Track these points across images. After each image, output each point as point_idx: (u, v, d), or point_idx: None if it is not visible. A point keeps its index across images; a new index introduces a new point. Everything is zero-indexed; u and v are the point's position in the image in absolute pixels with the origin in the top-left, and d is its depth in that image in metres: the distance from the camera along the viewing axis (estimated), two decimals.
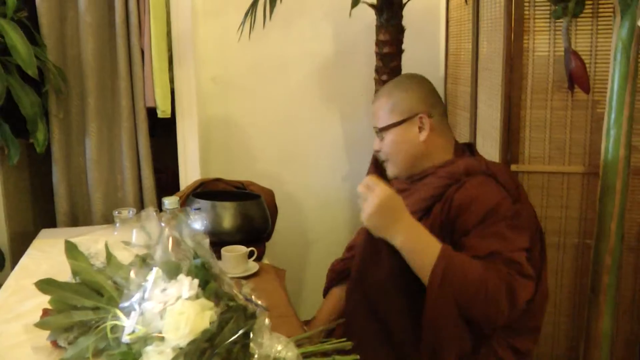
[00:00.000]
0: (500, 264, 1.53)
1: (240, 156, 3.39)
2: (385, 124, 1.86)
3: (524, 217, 1.64)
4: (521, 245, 1.58)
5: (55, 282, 1.55)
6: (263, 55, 3.26)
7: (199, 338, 1.20)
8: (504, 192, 1.64)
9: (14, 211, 3.20)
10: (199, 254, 1.38)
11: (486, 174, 1.69)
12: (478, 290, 1.50)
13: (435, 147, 1.84)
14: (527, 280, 1.57)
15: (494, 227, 1.58)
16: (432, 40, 3.32)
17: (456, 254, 1.55)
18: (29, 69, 2.62)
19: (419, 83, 1.91)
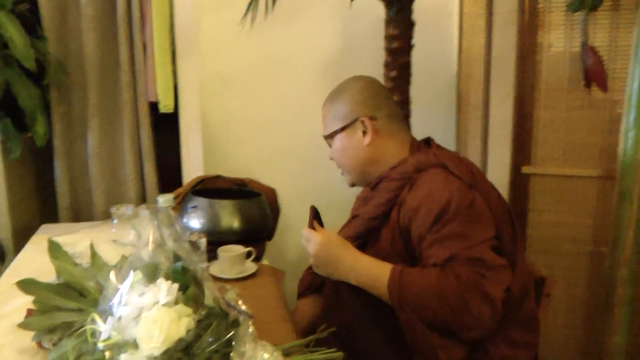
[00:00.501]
0: (460, 267, 1.46)
1: (243, 153, 3.33)
2: (329, 131, 1.82)
3: (481, 203, 1.53)
4: (482, 236, 1.50)
5: (36, 282, 1.50)
6: (267, 50, 3.20)
7: (172, 348, 1.13)
8: (457, 182, 1.55)
9: (17, 205, 3.16)
10: (180, 257, 1.30)
11: (437, 166, 1.61)
12: (440, 304, 1.45)
13: (384, 150, 1.76)
14: (497, 272, 1.47)
15: (447, 228, 1.50)
16: (444, 36, 3.23)
17: (407, 274, 1.52)
18: (26, 62, 2.57)
19: (361, 86, 1.81)
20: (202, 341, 1.17)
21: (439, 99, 3.26)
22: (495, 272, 1.47)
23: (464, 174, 1.57)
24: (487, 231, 1.51)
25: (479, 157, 2.70)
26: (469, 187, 1.54)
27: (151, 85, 2.90)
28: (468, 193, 1.53)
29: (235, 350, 1.21)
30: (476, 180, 1.57)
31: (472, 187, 1.54)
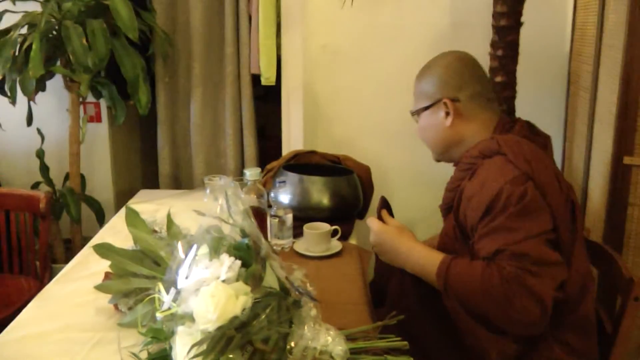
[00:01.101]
0: (505, 261, 1.40)
1: (346, 128, 3.30)
2: (415, 108, 1.80)
3: (535, 196, 1.44)
4: (532, 230, 1.41)
5: (112, 247, 1.54)
6: (375, 24, 3.15)
7: (226, 325, 1.12)
8: (512, 172, 1.47)
9: (120, 170, 3.29)
10: (246, 233, 1.29)
11: (498, 153, 1.54)
12: (483, 298, 1.41)
13: (465, 132, 1.70)
14: (547, 268, 1.40)
15: (496, 221, 1.44)
16: (558, 12, 3.06)
17: (454, 265, 1.49)
18: (129, 32, 2.65)
19: (446, 64, 1.74)
20: (259, 320, 1.16)
21: (549, 80, 3.11)
22: (545, 268, 1.40)
23: (522, 163, 1.48)
24: (540, 225, 1.43)
25: (584, 143, 2.56)
26: (524, 178, 1.46)
27: (254, 57, 2.91)
28: (521, 185, 1.45)
29: (294, 333, 1.19)
30: (534, 170, 1.48)
31: (528, 178, 1.46)
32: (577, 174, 2.72)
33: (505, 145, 1.54)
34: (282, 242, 2.03)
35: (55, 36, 2.80)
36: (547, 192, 1.46)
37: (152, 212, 1.96)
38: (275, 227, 2.02)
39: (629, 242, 2.23)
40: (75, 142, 2.99)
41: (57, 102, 3.14)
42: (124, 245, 1.56)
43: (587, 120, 2.52)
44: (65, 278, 1.86)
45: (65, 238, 3.17)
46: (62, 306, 1.67)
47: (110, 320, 1.56)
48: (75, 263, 1.97)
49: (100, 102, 3.12)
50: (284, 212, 2.05)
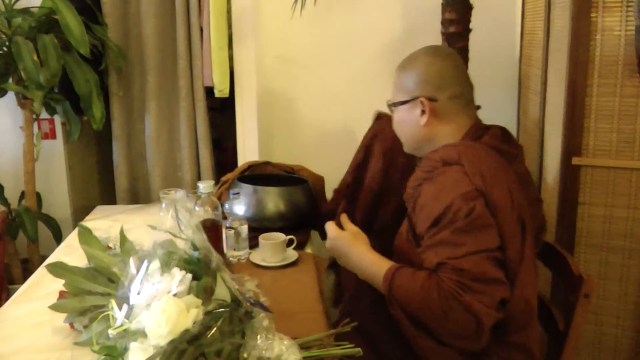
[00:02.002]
0: (446, 274, 1.42)
1: (301, 138, 3.31)
2: (392, 100, 1.80)
3: (483, 213, 1.45)
4: (476, 247, 1.42)
5: (66, 266, 1.53)
6: (328, 33, 3.17)
7: (177, 338, 1.13)
8: (465, 186, 1.48)
9: (78, 187, 3.26)
10: (197, 246, 1.30)
11: (458, 164, 1.54)
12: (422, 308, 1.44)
13: (439, 132, 1.71)
14: (485, 285, 1.41)
15: (441, 234, 1.46)
16: (506, 18, 3.12)
17: (399, 274, 1.51)
18: (81, 47, 2.63)
19: (430, 61, 1.75)
20: (212, 333, 1.17)
21: (500, 84, 3.16)
22: (484, 285, 1.40)
23: (477, 178, 1.49)
24: (484, 242, 1.44)
25: (536, 145, 2.61)
26: (476, 193, 1.47)
27: (207, 70, 2.92)
28: (471, 201, 1.45)
29: (247, 343, 1.20)
30: (487, 186, 1.48)
31: (479, 195, 1.47)
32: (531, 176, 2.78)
33: (464, 156, 1.55)
34: (238, 254, 2.04)
35: (5, 52, 2.77)
36: (497, 210, 1.47)
37: (106, 228, 1.96)
38: (231, 239, 2.03)
39: (581, 241, 2.29)
40: (30, 160, 2.95)
41: (11, 120, 3.10)
42: (81, 264, 1.56)
43: (538, 123, 2.57)
44: (21, 299, 1.84)
45: (22, 258, 3.12)
46: (18, 327, 1.66)
47: (67, 339, 1.55)
48: (31, 283, 1.95)
49: (55, 119, 3.09)
50: (239, 223, 2.06)
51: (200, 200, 1.91)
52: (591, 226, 2.26)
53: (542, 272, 2.49)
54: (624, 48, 2.08)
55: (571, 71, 2.14)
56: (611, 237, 2.23)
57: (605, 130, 2.15)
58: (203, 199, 1.92)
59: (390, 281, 1.51)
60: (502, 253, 1.46)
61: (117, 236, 1.66)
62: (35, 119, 2.97)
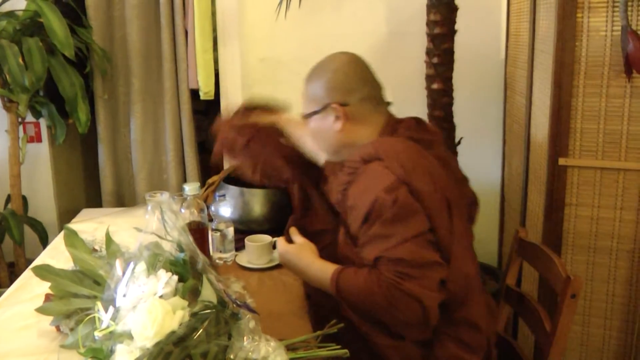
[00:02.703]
0: (384, 267, 1.47)
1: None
2: (305, 112, 1.79)
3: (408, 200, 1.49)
4: (407, 235, 1.46)
5: (51, 268, 1.52)
6: (313, 35, 3.16)
7: (163, 340, 1.12)
8: (387, 179, 1.51)
9: (64, 190, 3.24)
10: (183, 248, 1.29)
11: (377, 159, 1.58)
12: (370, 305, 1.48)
13: (356, 135, 1.72)
14: (424, 269, 1.46)
15: (372, 230, 1.50)
16: (491, 20, 3.13)
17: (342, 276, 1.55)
18: (65, 50, 2.62)
19: (335, 68, 1.75)
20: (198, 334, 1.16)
21: (486, 86, 3.17)
22: (422, 270, 1.46)
23: (396, 168, 1.52)
24: (415, 228, 1.48)
25: (522, 146, 2.62)
26: (398, 183, 1.50)
27: (192, 72, 2.91)
28: (393, 191, 1.49)
29: (233, 345, 1.19)
30: (407, 174, 1.52)
31: (401, 184, 1.50)
32: (517, 177, 2.78)
33: (381, 150, 1.58)
34: (224, 256, 2.03)
35: None
36: (421, 195, 1.50)
37: (92, 231, 1.95)
38: (217, 241, 2.02)
39: (567, 242, 2.29)
40: (16, 163, 2.94)
41: None
42: (67, 266, 1.54)
43: (524, 124, 2.58)
44: (7, 302, 1.83)
45: (8, 261, 3.11)
46: (4, 331, 1.64)
47: (53, 342, 1.54)
48: (17, 286, 1.94)
49: (40, 122, 3.08)
50: (225, 225, 2.05)
51: (185, 202, 1.90)
52: (578, 227, 2.27)
53: (529, 273, 2.51)
54: (610, 49, 2.09)
55: (557, 72, 2.15)
56: (598, 237, 2.24)
57: (592, 130, 2.16)
58: (189, 202, 1.91)
59: (336, 284, 1.54)
60: (433, 235, 1.51)
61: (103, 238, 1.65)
62: (20, 122, 2.96)
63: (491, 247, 3.28)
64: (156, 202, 1.34)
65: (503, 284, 1.95)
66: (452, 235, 1.54)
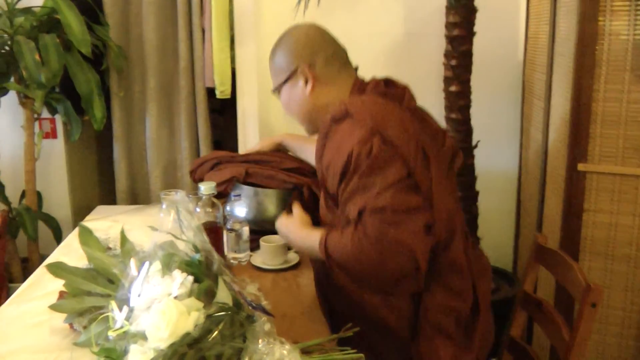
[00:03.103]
0: (368, 219, 1.45)
1: None
2: (275, 85, 1.83)
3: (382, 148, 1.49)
4: (386, 182, 1.46)
5: (65, 266, 1.52)
6: None
7: (178, 342, 1.11)
8: (359, 132, 1.51)
9: (78, 186, 3.25)
10: (198, 248, 1.28)
11: (348, 116, 1.58)
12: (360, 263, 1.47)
13: (327, 98, 1.73)
14: (409, 215, 1.45)
15: (351, 183, 1.50)
16: (510, 22, 3.10)
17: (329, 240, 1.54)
18: (82, 47, 2.63)
19: (296, 35, 1.79)
20: (212, 336, 1.15)
21: (504, 88, 3.15)
22: (407, 215, 1.45)
23: (368, 120, 1.53)
24: (393, 175, 1.47)
25: (540, 151, 2.59)
26: (370, 134, 1.50)
27: (209, 71, 2.91)
28: (367, 142, 1.49)
29: (248, 348, 1.18)
30: (379, 124, 1.52)
31: (374, 134, 1.50)
32: (534, 181, 2.76)
33: (351, 107, 1.58)
34: (238, 256, 2.02)
35: (7, 52, 2.76)
36: (395, 142, 1.50)
37: (106, 229, 1.94)
38: (232, 241, 2.01)
39: (585, 248, 2.27)
40: (31, 159, 2.95)
41: (12, 119, 3.09)
42: (80, 264, 1.54)
43: (542, 128, 2.55)
44: (20, 298, 1.83)
45: (22, 257, 3.12)
46: (16, 327, 1.64)
47: (66, 340, 1.53)
48: (30, 283, 1.94)
49: (56, 118, 3.08)
50: (239, 225, 2.04)
51: (201, 201, 1.89)
52: (596, 233, 2.24)
53: (545, 279, 2.48)
54: (632, 53, 2.06)
55: (577, 76, 2.12)
56: (616, 245, 2.21)
57: (612, 136, 2.13)
58: (204, 201, 1.90)
59: (325, 248, 1.54)
60: (412, 180, 1.50)
61: (117, 237, 1.64)
62: (36, 118, 2.96)
63: (506, 251, 3.25)
64: (171, 201, 1.33)
65: (520, 290, 1.92)
66: (430, 181, 1.55)
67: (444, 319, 1.60)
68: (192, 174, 2.37)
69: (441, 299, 1.59)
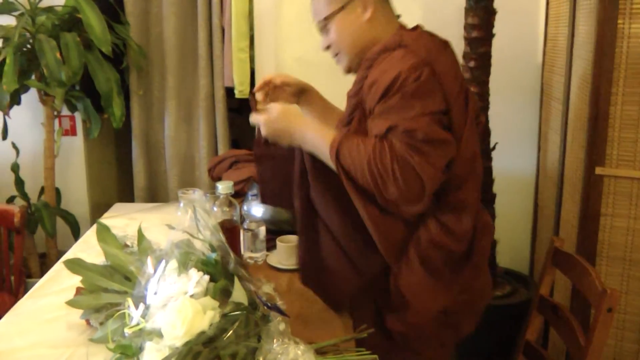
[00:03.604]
0: (396, 137, 1.48)
1: None
2: (327, 13, 1.77)
3: (430, 79, 1.51)
4: (424, 110, 1.49)
5: (82, 262, 1.53)
6: None
7: (193, 340, 1.12)
8: (412, 59, 1.53)
9: (96, 183, 3.28)
10: (214, 247, 1.29)
11: (401, 46, 1.59)
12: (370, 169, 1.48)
13: (381, 29, 1.72)
14: (435, 146, 1.48)
15: (391, 101, 1.51)
16: (529, 23, 3.08)
17: (346, 140, 1.55)
18: (103, 46, 2.65)
19: None
20: (227, 335, 1.16)
21: (522, 91, 3.13)
22: (433, 146, 1.48)
23: (422, 51, 1.55)
24: (433, 104, 1.50)
25: (557, 154, 2.58)
26: (422, 64, 1.52)
27: (228, 70, 2.92)
28: (417, 69, 1.51)
29: (263, 347, 1.19)
30: (432, 57, 1.54)
31: (425, 64, 1.52)
32: (551, 184, 2.75)
33: (406, 38, 1.60)
34: (255, 255, 2.03)
35: (29, 50, 2.79)
36: (442, 78, 1.53)
37: (123, 226, 1.96)
38: (248, 240, 2.02)
39: (602, 252, 2.25)
40: (50, 156, 2.98)
41: (32, 116, 3.12)
42: (97, 260, 1.56)
43: (560, 131, 2.54)
44: (38, 293, 1.84)
45: (40, 252, 3.15)
46: (33, 322, 1.65)
47: (82, 335, 1.54)
48: (48, 278, 1.95)
49: (75, 116, 3.11)
50: (256, 225, 2.04)
51: (218, 200, 1.90)
52: (613, 238, 2.22)
53: (561, 283, 2.47)
54: None
55: (595, 79, 2.11)
56: (634, 249, 2.19)
57: (630, 140, 2.12)
58: (221, 200, 1.91)
59: (337, 152, 1.54)
60: (447, 118, 1.53)
61: (135, 234, 1.65)
62: (56, 115, 2.99)
63: (523, 254, 3.24)
64: (189, 199, 1.34)
65: (537, 294, 1.91)
66: (465, 121, 1.57)
67: (434, 254, 1.60)
68: (210, 172, 2.38)
69: (437, 234, 1.60)
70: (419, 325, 1.64)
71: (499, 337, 2.70)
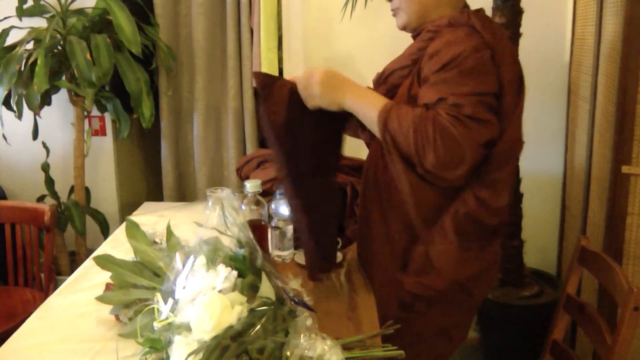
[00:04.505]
0: (442, 109, 1.51)
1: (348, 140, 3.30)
2: None
3: (490, 62, 1.55)
4: (476, 89, 1.53)
5: (112, 258, 1.55)
6: (375, 35, 3.16)
7: (221, 334, 1.14)
8: (477, 40, 1.57)
9: (125, 183, 3.32)
10: (242, 244, 1.31)
11: (467, 25, 1.62)
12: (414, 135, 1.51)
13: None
14: (478, 124, 1.51)
15: (448, 74, 1.55)
16: (557, 23, 3.07)
17: (397, 107, 1.58)
18: (132, 47, 2.68)
19: None
20: (255, 330, 1.17)
21: (550, 90, 3.12)
22: (477, 123, 1.50)
23: (487, 34, 1.58)
24: (487, 86, 1.55)
25: (585, 153, 2.57)
26: (485, 46, 1.56)
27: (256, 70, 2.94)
28: (479, 50, 1.55)
29: (290, 342, 1.20)
30: (496, 42, 1.58)
31: (488, 48, 1.56)
32: (578, 184, 2.73)
33: (475, 18, 1.62)
34: (282, 254, 2.04)
35: (60, 51, 2.84)
36: (500, 62, 1.57)
37: (152, 224, 1.98)
38: (276, 239, 2.03)
39: (629, 252, 2.24)
40: (80, 155, 3.02)
41: (62, 116, 3.17)
42: (127, 257, 1.58)
43: (587, 130, 2.53)
44: (68, 290, 1.87)
45: (70, 250, 3.20)
46: (63, 317, 1.68)
47: (111, 330, 1.57)
48: (78, 275, 1.98)
49: (105, 116, 3.15)
50: (284, 223, 2.06)
51: (246, 199, 1.92)
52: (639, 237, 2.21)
53: (588, 282, 2.45)
54: None
55: (622, 78, 2.10)
56: None
57: None
58: (249, 199, 1.93)
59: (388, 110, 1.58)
60: (498, 102, 1.57)
61: (164, 231, 1.68)
62: (86, 115, 3.04)
63: (550, 255, 3.22)
64: (217, 198, 1.36)
65: (563, 293, 1.91)
66: (516, 106, 1.60)
67: (470, 227, 1.64)
68: (239, 172, 2.40)
69: (474, 207, 1.63)
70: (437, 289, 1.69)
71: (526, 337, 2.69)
